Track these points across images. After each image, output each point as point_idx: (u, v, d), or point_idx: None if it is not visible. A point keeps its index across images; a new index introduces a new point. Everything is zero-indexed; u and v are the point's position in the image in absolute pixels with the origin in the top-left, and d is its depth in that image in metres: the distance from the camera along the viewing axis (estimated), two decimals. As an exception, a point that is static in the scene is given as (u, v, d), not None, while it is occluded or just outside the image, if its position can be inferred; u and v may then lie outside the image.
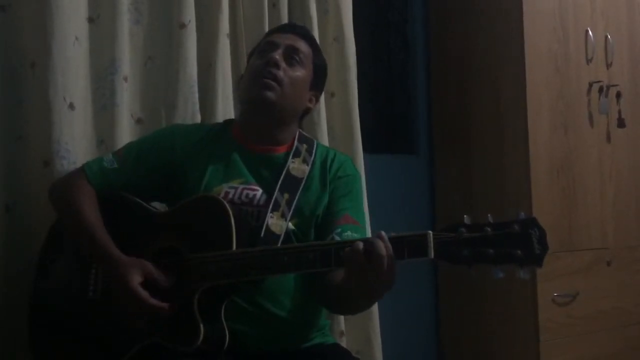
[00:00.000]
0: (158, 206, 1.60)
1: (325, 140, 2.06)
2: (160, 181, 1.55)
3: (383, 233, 1.24)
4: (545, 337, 2.27)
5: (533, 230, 1.18)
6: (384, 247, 1.22)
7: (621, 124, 2.53)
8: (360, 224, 1.56)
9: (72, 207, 1.47)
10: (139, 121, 1.85)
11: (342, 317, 2.05)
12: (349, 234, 1.48)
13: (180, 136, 1.59)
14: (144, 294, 1.32)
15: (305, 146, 1.61)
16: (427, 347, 2.60)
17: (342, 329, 2.06)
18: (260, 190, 1.52)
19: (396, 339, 2.44)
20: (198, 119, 1.87)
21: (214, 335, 1.33)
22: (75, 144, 1.68)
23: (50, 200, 1.55)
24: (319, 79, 1.65)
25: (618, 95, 2.53)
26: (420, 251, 1.21)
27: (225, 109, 1.93)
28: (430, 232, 1.21)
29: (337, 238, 1.47)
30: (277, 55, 1.54)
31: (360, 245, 1.23)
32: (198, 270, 1.35)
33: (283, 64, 1.54)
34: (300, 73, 1.57)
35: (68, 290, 1.48)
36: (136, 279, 1.33)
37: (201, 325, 1.31)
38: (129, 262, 1.37)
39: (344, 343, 2.04)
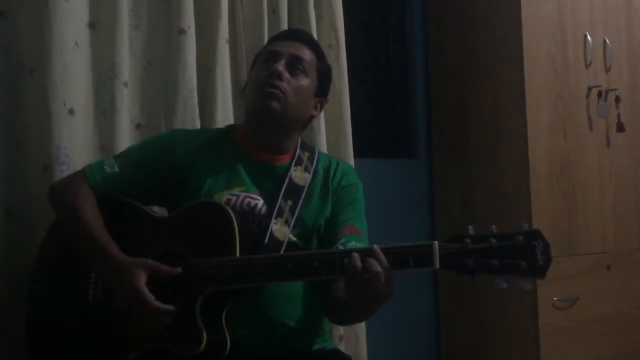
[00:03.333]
0: (158, 210, 1.60)
1: (323, 147, 2.06)
2: (161, 185, 1.55)
3: (377, 247, 1.26)
4: (546, 341, 2.27)
5: (537, 242, 1.21)
6: (379, 261, 1.24)
7: (620, 128, 2.53)
8: (364, 233, 1.57)
9: (72, 209, 1.46)
10: (138, 126, 1.85)
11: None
12: (353, 244, 1.48)
13: (182, 141, 1.59)
14: (149, 295, 1.31)
15: (307, 154, 1.61)
16: (427, 350, 2.60)
17: (341, 333, 2.06)
18: (262, 201, 1.51)
19: (396, 343, 2.43)
20: (197, 124, 1.87)
21: (215, 340, 1.33)
22: (74, 149, 1.67)
23: (50, 201, 1.54)
24: (323, 86, 1.65)
25: (617, 99, 2.54)
26: (426, 261, 1.23)
27: (225, 114, 1.93)
28: (436, 242, 1.23)
29: (342, 248, 1.46)
30: (280, 66, 1.53)
31: (358, 258, 1.25)
32: (201, 276, 1.34)
33: (287, 75, 1.54)
34: (304, 82, 1.57)
35: (66, 294, 1.47)
36: (141, 279, 1.32)
37: (204, 331, 1.31)
38: (132, 262, 1.35)
39: (342, 347, 2.04)
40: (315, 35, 2.06)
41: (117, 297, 1.36)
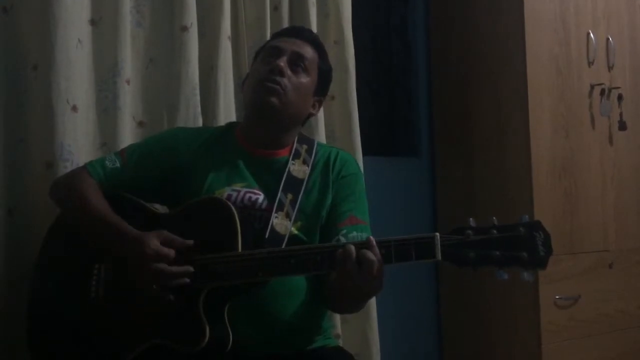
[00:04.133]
0: (158, 207, 1.60)
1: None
2: (162, 183, 1.55)
3: (372, 239, 1.27)
4: (547, 340, 2.27)
5: (537, 233, 1.22)
6: (374, 253, 1.25)
7: (622, 126, 2.53)
8: (366, 222, 1.57)
9: (76, 197, 1.47)
10: (140, 124, 1.85)
11: (338, 321, 2.04)
12: (354, 234, 1.49)
13: (184, 139, 1.59)
14: (170, 251, 1.33)
15: (305, 147, 1.61)
16: (428, 349, 2.60)
17: (338, 332, 2.05)
18: (262, 195, 1.52)
19: (397, 342, 2.43)
20: (200, 121, 1.87)
21: (217, 336, 1.33)
22: (78, 146, 1.68)
23: (52, 194, 1.54)
24: (323, 84, 1.65)
25: (619, 97, 2.54)
26: (428, 253, 1.25)
27: (227, 111, 1.93)
28: (438, 234, 1.24)
29: (343, 239, 1.47)
30: (282, 62, 1.54)
31: (352, 248, 1.26)
32: (204, 271, 1.35)
33: (288, 72, 1.54)
34: (305, 80, 1.57)
35: (69, 291, 1.47)
36: (157, 242, 1.34)
37: (207, 327, 1.31)
38: (146, 232, 1.37)
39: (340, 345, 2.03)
40: (319, 32, 2.06)
41: (136, 268, 1.35)
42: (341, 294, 1.37)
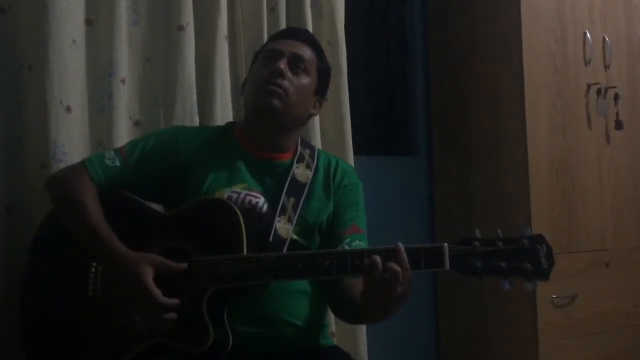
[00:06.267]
0: (155, 207, 1.59)
1: (317, 144, 2.05)
2: (161, 182, 1.54)
3: (401, 247, 1.27)
4: (544, 339, 2.27)
5: (540, 246, 1.27)
6: (400, 260, 1.26)
7: (619, 125, 2.54)
8: (364, 231, 1.59)
9: (72, 201, 1.44)
10: (137, 123, 1.84)
11: (332, 319, 2.04)
12: (357, 243, 1.51)
13: (184, 138, 1.58)
14: (156, 291, 1.31)
15: (308, 151, 1.62)
16: (426, 349, 2.60)
17: (332, 330, 2.04)
18: (262, 199, 1.51)
19: (395, 341, 2.43)
20: (196, 120, 1.86)
21: (218, 337, 1.33)
22: (72, 146, 1.66)
23: (48, 192, 1.52)
24: (323, 84, 1.65)
25: (616, 97, 2.54)
26: (437, 262, 1.28)
27: (224, 110, 1.92)
28: (446, 244, 1.28)
29: (347, 248, 1.48)
30: (282, 64, 1.53)
31: (378, 257, 1.26)
32: (209, 272, 1.34)
33: (288, 74, 1.54)
34: (305, 81, 1.57)
35: (65, 289, 1.45)
36: (148, 274, 1.32)
37: (211, 328, 1.31)
38: (137, 256, 1.35)
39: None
40: (314, 33, 2.05)
41: (121, 291, 1.35)
42: (368, 305, 1.33)
